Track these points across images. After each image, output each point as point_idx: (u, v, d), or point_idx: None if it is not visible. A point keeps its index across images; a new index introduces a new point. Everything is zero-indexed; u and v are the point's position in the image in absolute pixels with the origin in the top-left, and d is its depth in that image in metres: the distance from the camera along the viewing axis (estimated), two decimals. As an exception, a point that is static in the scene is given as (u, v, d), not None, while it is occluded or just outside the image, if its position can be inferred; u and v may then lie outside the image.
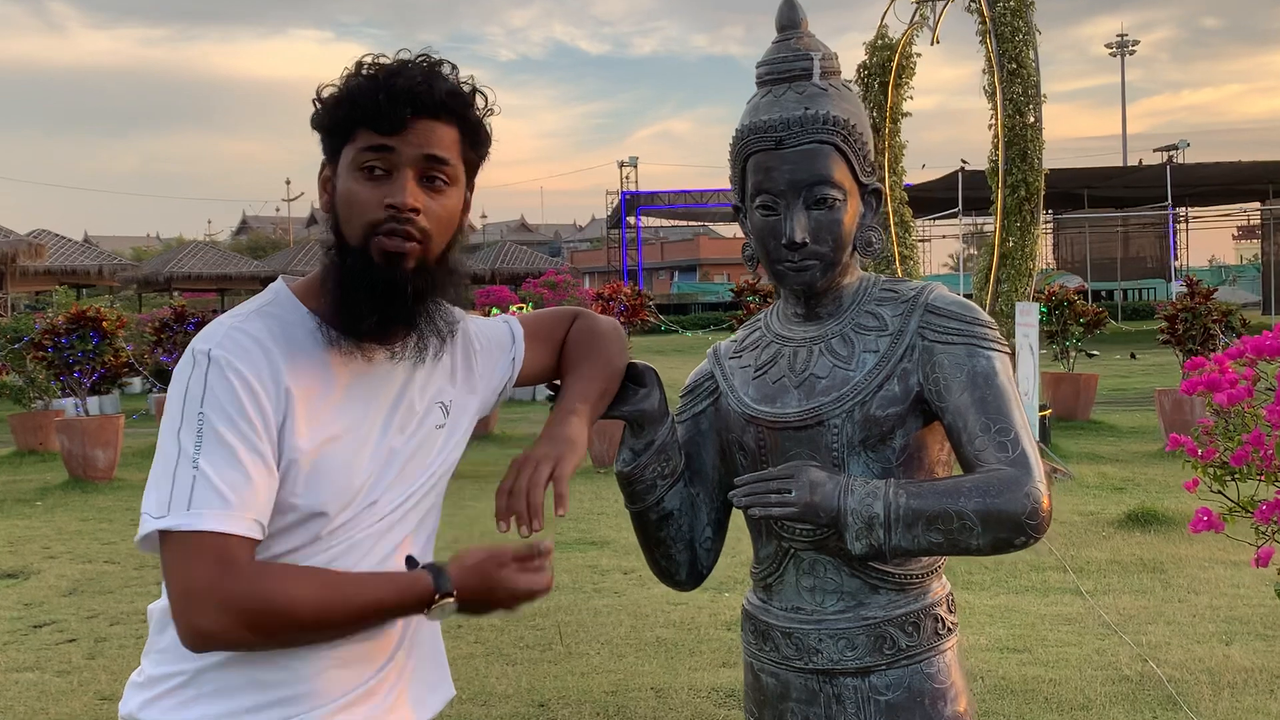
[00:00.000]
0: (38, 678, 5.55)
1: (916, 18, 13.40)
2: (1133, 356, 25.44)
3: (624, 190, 51.00)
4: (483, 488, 3.79)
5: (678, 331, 31.37)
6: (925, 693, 1.93)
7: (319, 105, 1.68)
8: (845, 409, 1.91)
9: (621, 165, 52.91)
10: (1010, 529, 1.76)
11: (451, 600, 1.64)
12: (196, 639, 1.56)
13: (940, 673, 1.95)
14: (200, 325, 14.70)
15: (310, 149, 1.78)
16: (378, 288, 1.64)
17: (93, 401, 13.55)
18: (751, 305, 17.96)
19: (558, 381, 2.03)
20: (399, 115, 1.63)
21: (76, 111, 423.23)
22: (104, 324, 12.15)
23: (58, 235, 35.31)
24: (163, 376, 15.22)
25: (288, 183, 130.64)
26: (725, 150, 2.03)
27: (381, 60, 1.68)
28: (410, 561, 1.72)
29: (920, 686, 1.93)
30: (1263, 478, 3.24)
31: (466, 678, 5.29)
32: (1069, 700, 4.83)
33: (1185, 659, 5.29)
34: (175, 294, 33.85)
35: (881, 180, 14.28)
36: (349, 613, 1.60)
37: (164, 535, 1.56)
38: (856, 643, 1.93)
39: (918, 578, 1.96)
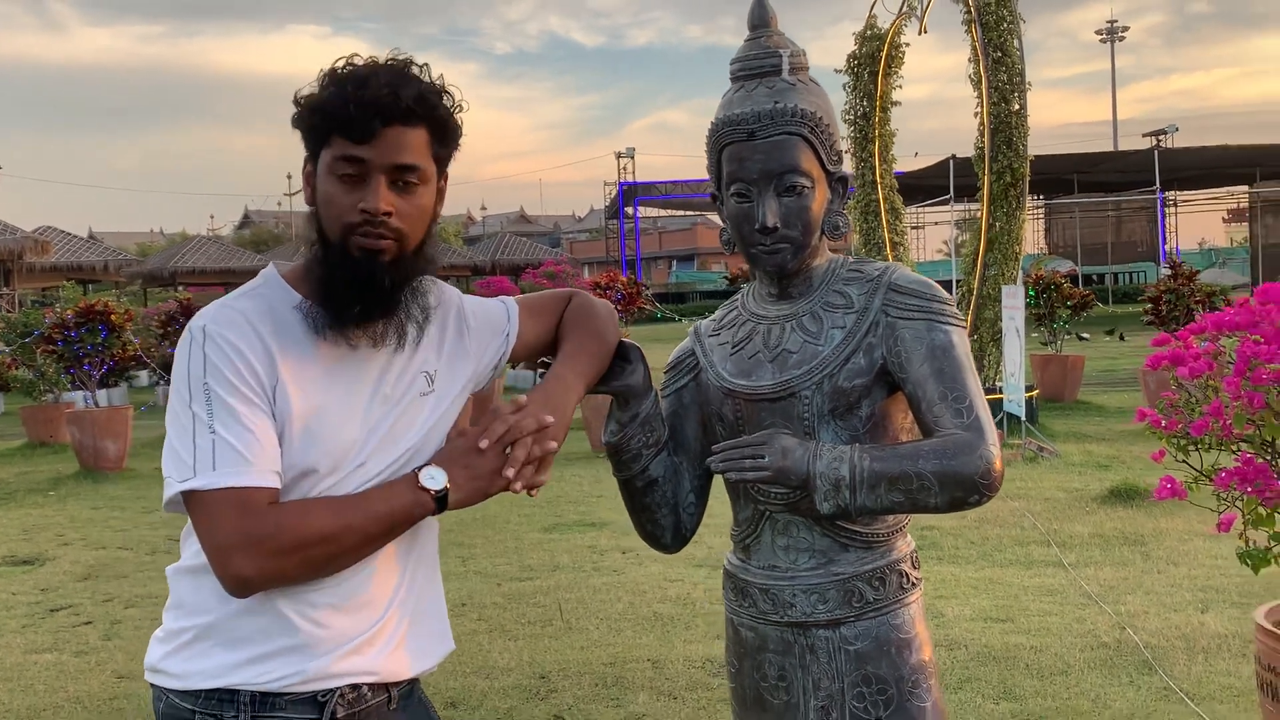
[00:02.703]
0: (56, 659, 5.69)
1: (904, 8, 13.48)
2: (1121, 338, 25.57)
3: (621, 181, 51.07)
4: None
5: (675, 319, 31.49)
6: (891, 642, 2.06)
7: (297, 109, 1.79)
8: (815, 381, 2.04)
9: (619, 156, 53.00)
10: (965, 488, 1.89)
11: (445, 486, 1.76)
12: (238, 584, 1.68)
13: (905, 624, 2.08)
14: (206, 319, 14.89)
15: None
16: (358, 282, 1.75)
17: (101, 394, 13.68)
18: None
19: (546, 359, 2.15)
20: (369, 125, 1.73)
21: (78, 108, 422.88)
22: (112, 318, 12.28)
23: (63, 232, 35.36)
24: (170, 369, 15.31)
25: (289, 177, 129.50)
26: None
27: (355, 61, 1.77)
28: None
29: (887, 636, 2.06)
30: (1223, 447, 3.37)
31: (470, 653, 5.43)
32: (1049, 666, 4.96)
33: (1162, 626, 5.43)
34: (180, 288, 33.94)
35: (870, 168, 14.25)
36: (365, 525, 1.73)
37: (191, 496, 1.68)
38: (828, 597, 2.06)
39: (884, 536, 2.08)
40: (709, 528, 2.29)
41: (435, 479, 1.76)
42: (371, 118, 1.72)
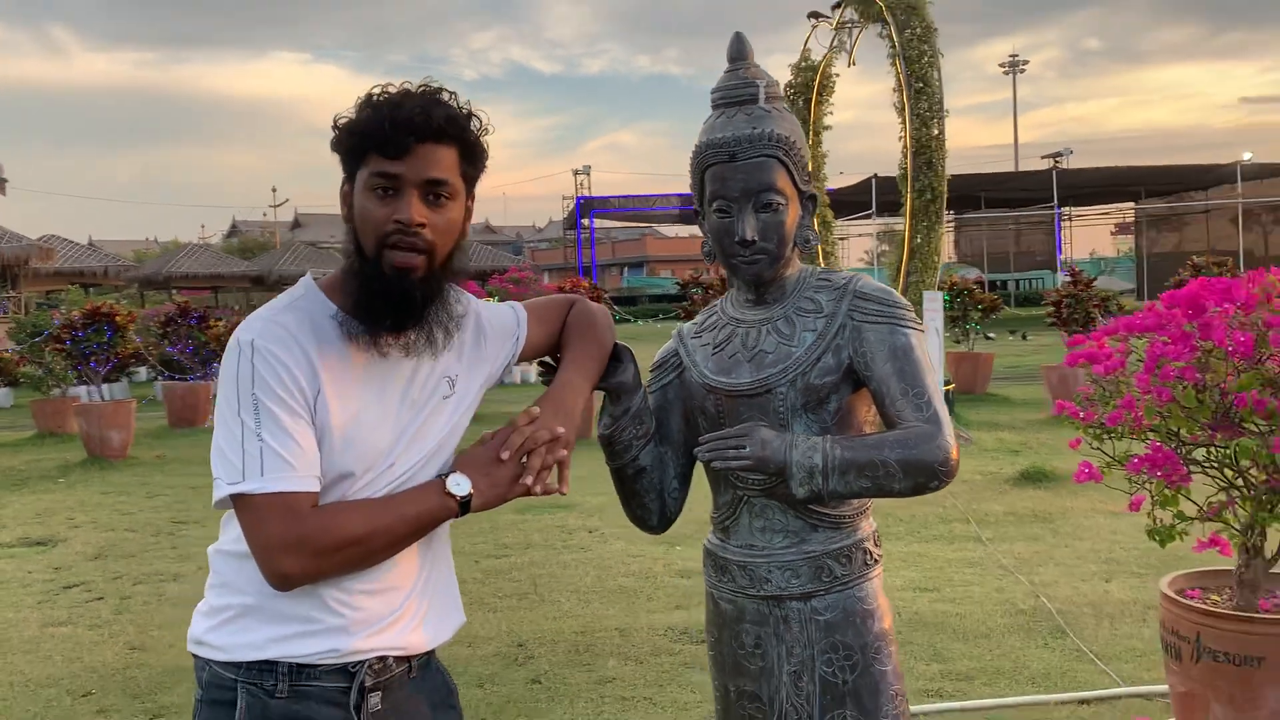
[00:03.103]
0: (71, 631, 5.58)
1: (835, 42, 13.55)
2: (1024, 338, 25.87)
3: (578, 195, 50.94)
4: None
5: (630, 321, 31.52)
6: (856, 613, 2.07)
7: (335, 132, 1.76)
8: (789, 379, 2.04)
9: (576, 173, 52.89)
10: (926, 475, 1.90)
11: (469, 493, 1.76)
12: (281, 580, 1.66)
13: (869, 596, 2.09)
14: (202, 319, 14.63)
15: (292, 159, 1.86)
16: (391, 296, 1.72)
17: (104, 389, 13.43)
18: (696, 297, 18.12)
19: (547, 359, 2.14)
20: (402, 143, 1.69)
21: (79, 127, 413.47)
22: (117, 319, 12.06)
23: (65, 240, 34.70)
24: (169, 366, 15.04)
25: (273, 190, 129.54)
26: (667, 159, 2.20)
27: (389, 90, 1.75)
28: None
29: (853, 608, 2.07)
30: (1134, 436, 3.42)
31: (454, 623, 5.39)
32: (973, 631, 5.02)
33: (1071, 594, 5.51)
34: (174, 292, 33.42)
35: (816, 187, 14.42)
36: (396, 527, 1.72)
37: (240, 498, 1.65)
38: (800, 572, 2.06)
39: (849, 518, 2.09)
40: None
41: (460, 485, 1.76)
42: (405, 135, 1.69)
